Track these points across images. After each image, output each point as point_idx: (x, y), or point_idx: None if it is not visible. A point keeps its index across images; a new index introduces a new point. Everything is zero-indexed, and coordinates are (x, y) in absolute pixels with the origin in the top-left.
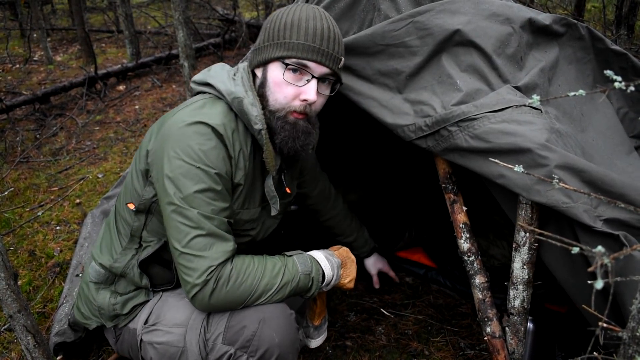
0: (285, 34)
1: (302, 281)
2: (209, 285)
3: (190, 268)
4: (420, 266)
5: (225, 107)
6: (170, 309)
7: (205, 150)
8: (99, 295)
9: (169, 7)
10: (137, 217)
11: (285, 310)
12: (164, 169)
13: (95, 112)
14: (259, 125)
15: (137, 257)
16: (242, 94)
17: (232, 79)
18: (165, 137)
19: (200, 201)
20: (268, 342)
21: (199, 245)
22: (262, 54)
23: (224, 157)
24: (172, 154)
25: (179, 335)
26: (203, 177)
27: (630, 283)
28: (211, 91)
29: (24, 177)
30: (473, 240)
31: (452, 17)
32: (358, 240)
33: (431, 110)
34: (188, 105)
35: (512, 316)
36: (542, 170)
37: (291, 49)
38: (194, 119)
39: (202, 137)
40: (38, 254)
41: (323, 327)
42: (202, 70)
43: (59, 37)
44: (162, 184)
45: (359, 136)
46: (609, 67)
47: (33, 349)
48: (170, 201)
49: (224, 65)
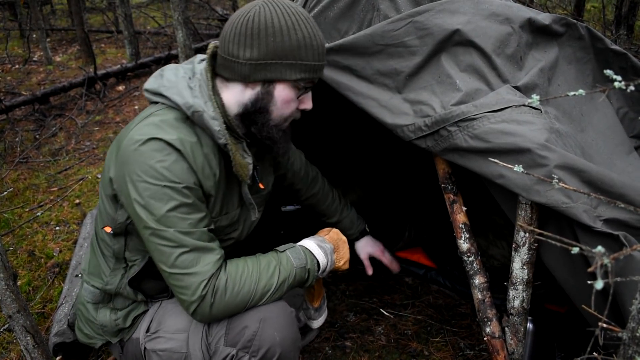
0: (299, 54)
1: (299, 275)
2: (207, 299)
3: (183, 287)
4: (419, 266)
5: (181, 119)
6: (171, 316)
7: (167, 167)
8: (98, 314)
9: (168, 7)
10: (117, 240)
11: (285, 309)
12: (131, 194)
13: (95, 112)
14: (222, 140)
15: (127, 276)
16: (201, 107)
17: (189, 87)
18: (123, 161)
19: (175, 219)
20: (269, 341)
21: (185, 263)
22: (268, 71)
23: (187, 169)
24: (135, 178)
25: (182, 341)
26: (172, 195)
27: (630, 283)
28: (166, 102)
29: (24, 177)
30: (472, 240)
31: (452, 17)
32: (344, 221)
33: (430, 110)
34: (140, 121)
35: (511, 316)
36: (542, 170)
37: (307, 71)
38: (146, 137)
39: (160, 153)
40: (37, 254)
41: (323, 307)
42: (154, 74)
43: (58, 38)
44: (134, 210)
45: (358, 136)
46: (609, 67)
47: (32, 349)
48: (145, 225)
49: (177, 68)
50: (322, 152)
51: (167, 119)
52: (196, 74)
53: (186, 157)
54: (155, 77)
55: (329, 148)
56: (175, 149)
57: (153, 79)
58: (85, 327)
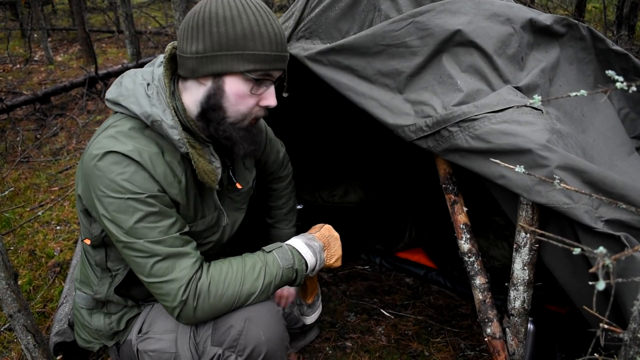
0: (245, 44)
1: (286, 275)
2: (189, 303)
3: (163, 294)
4: (420, 267)
5: (140, 128)
6: (160, 317)
7: (127, 178)
8: (93, 319)
9: (169, 7)
10: (97, 251)
11: (271, 308)
12: (99, 210)
13: (96, 112)
14: (183, 148)
15: (113, 285)
16: (159, 117)
17: (147, 95)
18: (86, 177)
19: (143, 230)
20: (255, 340)
21: (161, 271)
22: (214, 64)
23: (148, 178)
24: (100, 194)
25: (170, 342)
26: (136, 206)
27: (631, 284)
28: (124, 111)
29: (25, 177)
30: (473, 241)
31: (453, 17)
32: (272, 232)
33: (432, 110)
34: (98, 135)
35: (512, 317)
36: (543, 171)
37: (257, 62)
38: (103, 150)
39: (118, 166)
40: (38, 254)
41: (317, 303)
42: (115, 82)
43: (59, 37)
44: (104, 225)
45: (359, 137)
46: (610, 68)
47: (33, 349)
48: (117, 239)
49: (136, 74)
50: (323, 153)
51: (123, 130)
52: (154, 79)
53: (145, 167)
54: (116, 84)
55: (331, 149)
56: (133, 160)
57: (113, 87)
58: (82, 332)
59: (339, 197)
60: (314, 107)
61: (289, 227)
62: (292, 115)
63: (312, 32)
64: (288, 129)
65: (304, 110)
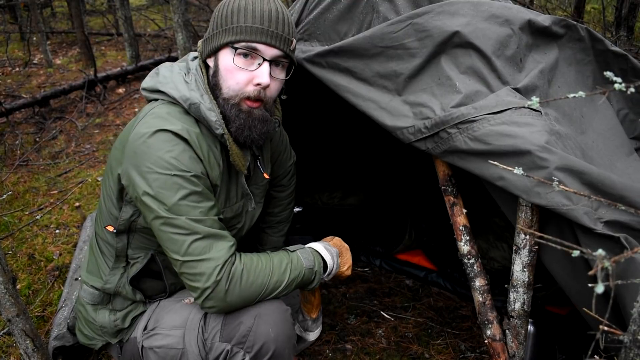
0: (232, 19)
1: (307, 275)
2: (221, 285)
3: (197, 274)
4: (420, 269)
5: (182, 112)
6: (168, 313)
7: (176, 156)
8: (98, 315)
9: (168, 9)
10: (119, 238)
11: (280, 306)
12: (141, 187)
13: (95, 115)
14: (220, 130)
15: (127, 275)
16: (198, 100)
17: (185, 82)
18: (131, 155)
19: (186, 207)
20: (264, 337)
21: (198, 250)
22: (211, 42)
23: (195, 158)
24: (145, 170)
25: (178, 337)
26: (182, 183)
27: (631, 286)
28: (164, 98)
29: (24, 180)
30: (473, 242)
31: (451, 19)
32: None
33: (430, 112)
34: (143, 117)
35: (512, 319)
36: (542, 172)
37: (239, 33)
38: (153, 129)
39: (168, 144)
40: (37, 258)
41: (319, 319)
42: (150, 74)
43: (58, 40)
44: (143, 203)
45: (358, 139)
46: (609, 69)
47: (32, 353)
48: (156, 215)
49: (172, 65)
50: (323, 156)
51: (171, 111)
52: (191, 70)
53: (193, 147)
54: (151, 75)
55: (331, 151)
56: (183, 138)
57: (149, 78)
58: (85, 328)
59: (338, 199)
60: (313, 110)
61: (278, 235)
62: (291, 118)
63: (311, 34)
64: (288, 131)
65: (304, 112)
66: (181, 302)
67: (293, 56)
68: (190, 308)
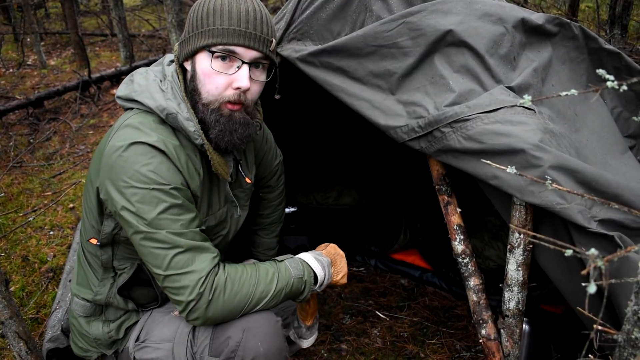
0: (208, 20)
1: (295, 285)
2: (205, 297)
3: (180, 287)
4: (415, 268)
5: (157, 121)
6: (158, 325)
7: (153, 169)
8: (91, 327)
9: (162, 10)
10: (104, 250)
11: (270, 318)
12: (119, 202)
13: (89, 116)
14: (199, 140)
15: (116, 285)
16: (175, 109)
17: (161, 90)
18: (107, 169)
19: (167, 221)
20: (253, 352)
21: (180, 263)
22: (187, 45)
23: (173, 169)
24: (122, 184)
25: (167, 351)
26: (161, 197)
27: (625, 285)
28: (139, 107)
29: (17, 182)
30: (467, 242)
31: (445, 18)
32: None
33: (424, 111)
34: (118, 129)
35: (507, 318)
36: (536, 171)
37: (216, 36)
38: (128, 142)
39: (144, 157)
40: (31, 259)
41: (315, 326)
42: (125, 80)
43: (52, 41)
44: (122, 217)
45: (352, 138)
46: (603, 67)
47: (26, 356)
48: (136, 230)
49: (147, 72)
50: (317, 155)
51: (145, 121)
52: (167, 76)
53: (170, 158)
54: (126, 83)
55: (325, 151)
56: (159, 150)
57: (124, 85)
58: (79, 341)
59: (333, 199)
60: (307, 109)
61: (270, 237)
62: (285, 118)
63: (304, 34)
64: (281, 131)
65: (297, 112)
66: (170, 314)
67: (274, 57)
68: (179, 321)
